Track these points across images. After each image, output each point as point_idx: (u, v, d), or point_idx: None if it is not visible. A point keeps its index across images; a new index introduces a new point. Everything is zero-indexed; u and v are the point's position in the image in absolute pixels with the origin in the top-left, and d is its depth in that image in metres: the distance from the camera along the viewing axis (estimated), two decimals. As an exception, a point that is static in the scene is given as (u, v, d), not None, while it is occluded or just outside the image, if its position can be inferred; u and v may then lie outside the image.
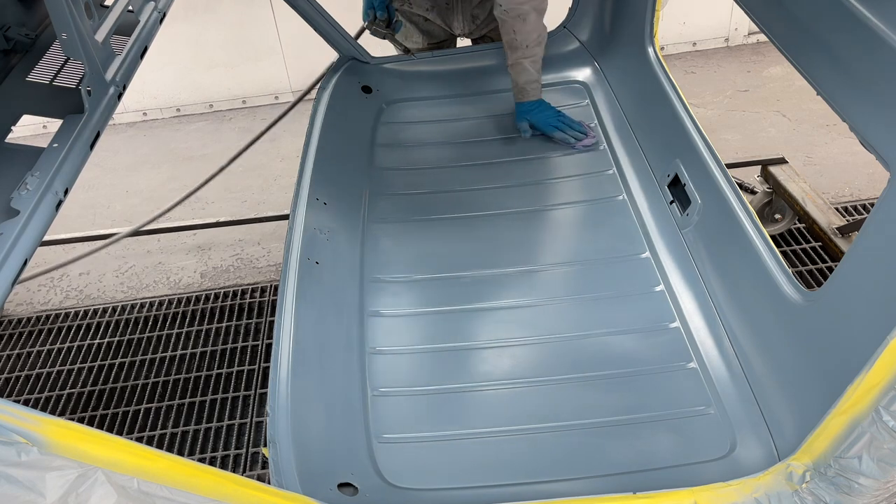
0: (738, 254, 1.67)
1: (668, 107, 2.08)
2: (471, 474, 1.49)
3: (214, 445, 2.30)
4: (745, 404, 1.53)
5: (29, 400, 2.50)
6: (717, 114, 3.64)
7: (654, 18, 2.23)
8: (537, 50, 2.26)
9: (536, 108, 2.32)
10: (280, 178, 3.45)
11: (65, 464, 0.87)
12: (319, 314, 1.73)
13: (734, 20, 4.12)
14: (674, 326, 1.74)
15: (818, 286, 1.53)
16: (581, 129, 2.28)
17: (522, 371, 1.68)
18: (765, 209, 2.73)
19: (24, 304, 2.92)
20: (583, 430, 1.55)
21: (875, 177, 3.06)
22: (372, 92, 2.53)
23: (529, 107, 2.33)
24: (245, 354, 2.59)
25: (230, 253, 3.09)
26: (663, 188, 2.01)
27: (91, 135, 1.49)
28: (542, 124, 2.31)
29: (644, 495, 1.20)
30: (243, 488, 1.04)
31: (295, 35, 3.88)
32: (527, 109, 2.34)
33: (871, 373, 1.02)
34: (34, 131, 3.67)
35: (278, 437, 1.41)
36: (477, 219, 2.11)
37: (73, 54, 1.45)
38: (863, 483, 1.05)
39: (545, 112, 2.32)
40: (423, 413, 1.62)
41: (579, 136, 2.27)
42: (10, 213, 1.28)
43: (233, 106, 4.18)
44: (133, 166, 3.79)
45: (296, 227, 1.88)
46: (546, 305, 1.84)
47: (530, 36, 2.21)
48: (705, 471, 1.43)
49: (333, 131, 2.29)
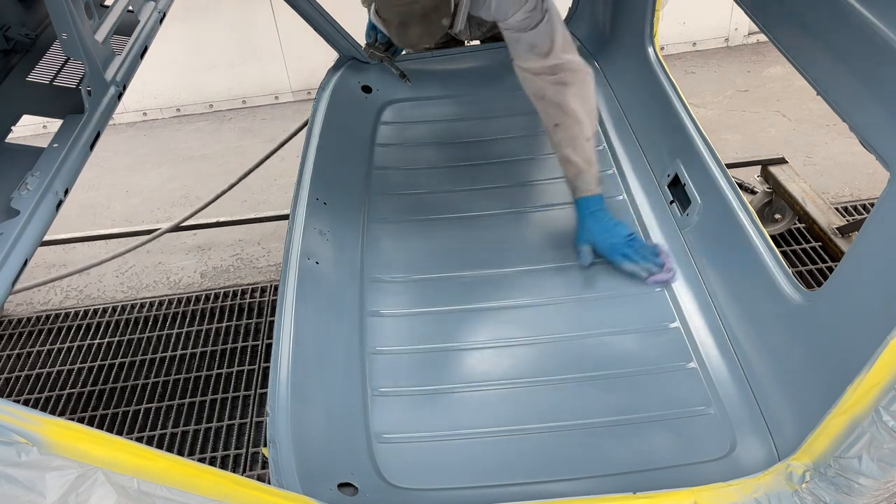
0: (738, 254, 1.67)
1: (668, 107, 2.08)
2: (471, 474, 1.49)
3: (214, 445, 2.30)
4: (745, 404, 1.53)
5: (29, 400, 2.50)
6: (717, 114, 3.64)
7: (654, 18, 2.23)
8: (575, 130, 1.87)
9: (603, 227, 1.88)
10: (280, 178, 3.45)
11: (65, 464, 0.87)
12: (319, 314, 1.73)
13: (734, 20, 4.12)
14: (674, 326, 1.74)
15: (818, 286, 1.53)
16: (655, 260, 1.84)
17: (522, 371, 1.68)
18: (765, 209, 2.73)
19: (24, 304, 2.92)
20: (583, 430, 1.55)
21: (875, 177, 3.05)
22: (372, 92, 2.53)
23: (593, 221, 1.89)
24: (245, 354, 2.59)
25: (230, 253, 3.09)
26: (663, 188, 2.01)
27: (91, 135, 1.49)
28: (607, 250, 1.87)
29: (644, 495, 1.20)
30: (243, 488, 1.04)
31: (295, 35, 3.88)
32: (591, 226, 1.89)
33: (871, 373, 1.02)
34: (34, 131, 3.67)
35: (278, 437, 1.41)
36: (477, 219, 2.11)
37: (73, 54, 1.45)
38: (863, 483, 1.05)
39: (614, 236, 1.86)
40: (423, 413, 1.62)
41: (653, 269, 1.83)
42: (11, 213, 1.28)
43: (233, 106, 4.18)
44: (133, 166, 3.79)
45: (296, 227, 1.88)
46: (546, 305, 1.84)
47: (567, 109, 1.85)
48: (705, 471, 1.43)
49: (333, 131, 2.29)
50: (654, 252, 1.85)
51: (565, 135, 1.89)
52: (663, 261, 1.83)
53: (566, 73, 1.88)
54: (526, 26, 1.86)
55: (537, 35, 1.86)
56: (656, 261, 1.83)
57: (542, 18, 1.85)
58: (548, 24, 1.86)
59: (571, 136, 1.88)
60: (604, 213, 1.90)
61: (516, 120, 2.45)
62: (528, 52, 1.89)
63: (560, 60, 1.87)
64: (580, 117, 1.87)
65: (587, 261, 1.89)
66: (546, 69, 1.88)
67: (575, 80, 1.88)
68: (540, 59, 1.87)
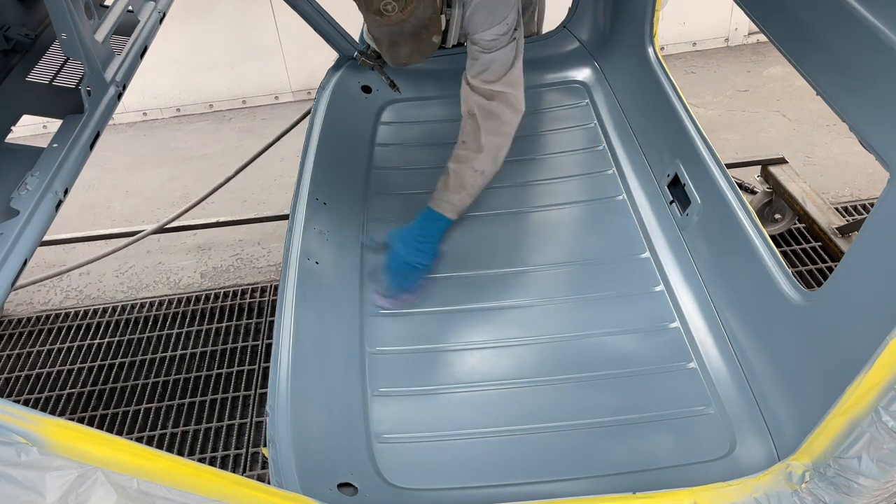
0: (738, 254, 1.67)
1: (668, 107, 2.08)
2: (471, 474, 1.49)
3: (214, 445, 2.30)
4: (745, 404, 1.53)
5: (29, 400, 2.50)
6: (717, 114, 3.64)
7: (654, 18, 2.23)
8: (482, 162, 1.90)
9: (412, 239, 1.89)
10: (280, 178, 3.45)
11: (65, 464, 0.87)
12: (319, 314, 1.73)
13: (734, 20, 4.12)
14: (674, 326, 1.74)
15: (818, 286, 1.53)
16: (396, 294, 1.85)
17: (522, 371, 1.68)
18: (765, 209, 2.73)
19: (24, 304, 2.92)
20: (583, 430, 1.55)
21: (875, 177, 3.05)
22: (372, 92, 2.53)
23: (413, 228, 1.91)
24: (245, 354, 2.59)
25: (230, 253, 3.09)
26: (663, 188, 2.01)
27: (91, 135, 1.49)
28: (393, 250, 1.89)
29: (644, 495, 1.20)
30: (243, 488, 1.04)
31: (295, 35, 3.88)
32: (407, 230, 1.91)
33: (870, 373, 1.02)
34: (34, 131, 3.67)
35: (278, 437, 1.41)
36: (477, 219, 2.11)
37: (73, 54, 1.45)
38: (862, 483, 1.05)
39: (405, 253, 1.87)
40: (423, 413, 1.62)
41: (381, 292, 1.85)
42: (10, 213, 1.28)
43: (233, 106, 4.18)
44: (133, 166, 3.79)
45: (296, 227, 1.88)
46: (546, 305, 1.84)
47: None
48: (705, 471, 1.43)
49: (333, 131, 2.28)
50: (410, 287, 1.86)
51: (462, 154, 1.93)
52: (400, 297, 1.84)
53: (501, 104, 1.90)
54: (490, 48, 1.87)
55: (496, 59, 1.87)
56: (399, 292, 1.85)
57: (507, 45, 1.86)
58: (510, 51, 1.87)
59: (465, 158, 1.92)
60: (429, 233, 1.91)
61: (516, 120, 2.45)
62: (480, 69, 1.90)
63: (504, 90, 1.89)
64: (483, 148, 1.89)
65: (368, 243, 1.97)
66: (487, 92, 1.89)
67: (503, 115, 1.90)
68: (487, 81, 1.89)
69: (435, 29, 1.75)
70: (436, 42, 1.77)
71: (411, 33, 1.73)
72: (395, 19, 1.68)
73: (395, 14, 1.66)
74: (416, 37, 1.74)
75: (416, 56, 1.79)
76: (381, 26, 1.73)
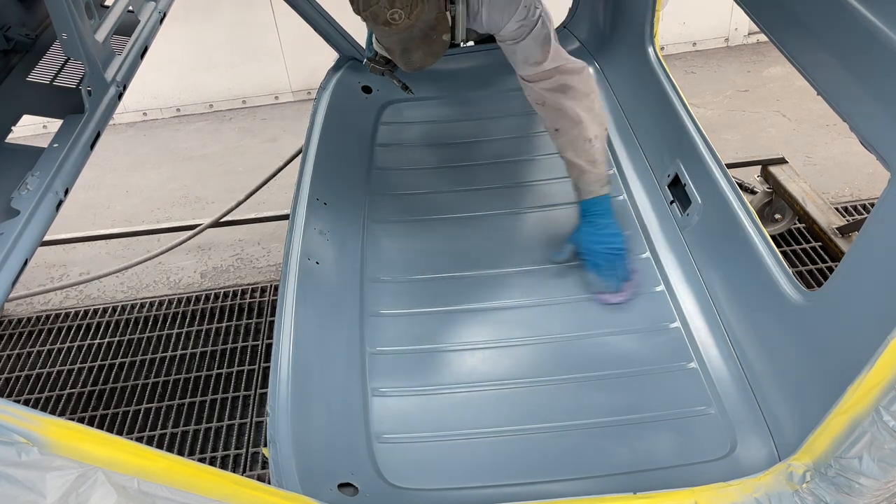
0: (739, 254, 1.67)
1: (668, 107, 2.08)
2: (471, 474, 1.49)
3: (214, 445, 2.30)
4: (745, 404, 1.53)
5: (29, 400, 2.49)
6: (717, 114, 3.64)
7: (654, 18, 2.23)
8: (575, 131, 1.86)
9: (592, 231, 1.89)
10: (280, 178, 3.44)
11: (65, 464, 0.87)
12: (319, 314, 1.73)
13: (734, 20, 4.12)
14: (674, 326, 1.74)
15: (818, 286, 1.53)
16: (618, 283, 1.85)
17: (522, 371, 1.68)
18: (765, 209, 2.73)
19: (24, 304, 2.92)
20: (583, 430, 1.55)
21: (875, 177, 3.05)
22: (372, 92, 2.53)
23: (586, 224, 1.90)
24: (245, 354, 2.59)
25: (230, 253, 3.09)
26: (663, 188, 2.01)
27: (91, 135, 1.49)
28: (586, 254, 1.89)
29: (644, 495, 1.20)
30: (243, 488, 1.04)
31: (295, 35, 3.88)
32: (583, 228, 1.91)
33: (871, 373, 1.02)
34: (34, 131, 3.67)
35: (278, 437, 1.41)
36: (477, 219, 2.11)
37: (74, 54, 1.45)
38: (863, 483, 1.05)
39: (597, 243, 1.87)
40: (424, 413, 1.62)
41: (609, 289, 1.84)
42: (11, 213, 1.28)
43: (233, 106, 4.18)
44: (133, 166, 3.79)
45: (296, 227, 1.88)
46: (546, 305, 1.84)
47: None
48: (705, 471, 1.43)
49: (333, 131, 2.28)
50: (624, 276, 1.85)
51: (566, 139, 1.89)
52: (623, 287, 1.84)
53: (563, 75, 1.87)
54: (520, 35, 1.84)
55: (531, 44, 1.85)
56: (618, 284, 1.84)
57: (535, 26, 1.84)
58: (541, 30, 1.85)
59: (571, 139, 1.88)
60: (600, 218, 1.89)
61: (517, 120, 2.46)
62: (524, 62, 1.88)
63: (556, 64, 1.86)
64: (579, 119, 1.86)
65: (558, 258, 1.93)
66: (543, 75, 1.87)
67: (572, 81, 1.87)
68: (536, 67, 1.86)
69: (443, 28, 1.75)
70: (446, 40, 1.77)
71: (421, 37, 1.72)
72: (403, 26, 1.68)
73: (403, 21, 1.66)
74: (427, 39, 1.74)
75: (430, 58, 1.78)
76: (390, 35, 1.72)
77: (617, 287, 1.84)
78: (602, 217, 1.89)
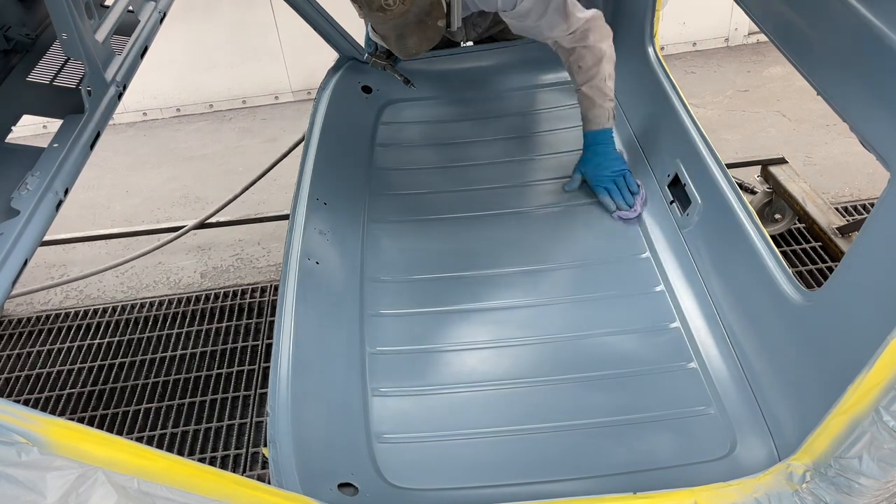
0: (738, 254, 1.67)
1: (668, 107, 2.08)
2: (471, 474, 1.49)
3: (214, 445, 2.30)
4: (745, 404, 1.53)
5: (29, 400, 2.50)
6: (717, 114, 3.64)
7: (654, 18, 2.23)
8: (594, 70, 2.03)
9: (599, 160, 2.08)
10: (280, 178, 3.44)
11: (65, 464, 0.87)
12: (319, 314, 1.73)
13: (734, 20, 4.12)
14: (674, 326, 1.74)
15: (818, 286, 1.53)
16: (629, 200, 2.03)
17: (522, 371, 1.68)
18: (765, 209, 2.73)
19: (24, 304, 2.92)
20: (583, 430, 1.55)
21: (875, 177, 3.05)
22: (372, 92, 2.53)
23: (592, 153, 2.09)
24: (245, 354, 2.59)
25: (230, 253, 3.09)
26: (663, 188, 2.01)
27: (91, 135, 1.49)
28: (593, 181, 2.09)
29: (644, 495, 1.20)
30: (243, 488, 1.04)
31: (295, 35, 3.88)
32: (588, 158, 2.10)
33: (871, 373, 1.02)
34: (34, 131, 3.67)
35: (278, 437, 1.40)
36: (477, 219, 2.11)
37: (74, 54, 1.45)
38: (863, 483, 1.05)
39: (604, 169, 2.07)
40: (423, 413, 1.62)
41: (623, 206, 2.02)
42: (11, 213, 1.28)
43: (233, 106, 4.18)
44: (133, 166, 3.79)
45: (296, 227, 1.88)
46: (546, 305, 1.84)
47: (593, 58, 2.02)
48: (705, 471, 1.43)
49: (333, 131, 2.28)
50: (633, 192, 2.04)
51: (587, 75, 2.04)
52: (634, 202, 2.02)
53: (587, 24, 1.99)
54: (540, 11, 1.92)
55: (554, 16, 1.94)
56: (629, 200, 2.03)
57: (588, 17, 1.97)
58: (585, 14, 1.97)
59: (591, 75, 2.03)
60: (603, 147, 2.08)
61: (517, 120, 2.46)
62: (549, 31, 1.99)
63: (579, 23, 1.97)
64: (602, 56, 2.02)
65: (571, 187, 2.13)
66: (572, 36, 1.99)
67: (592, 26, 2.00)
68: (564, 32, 1.98)
69: (438, 13, 1.77)
70: (441, 26, 1.80)
71: (416, 22, 1.74)
72: (397, 11, 1.69)
73: (398, 6, 1.68)
74: (422, 24, 1.76)
75: (425, 43, 1.83)
76: (385, 22, 1.74)
77: (631, 203, 2.02)
78: (605, 146, 2.08)
